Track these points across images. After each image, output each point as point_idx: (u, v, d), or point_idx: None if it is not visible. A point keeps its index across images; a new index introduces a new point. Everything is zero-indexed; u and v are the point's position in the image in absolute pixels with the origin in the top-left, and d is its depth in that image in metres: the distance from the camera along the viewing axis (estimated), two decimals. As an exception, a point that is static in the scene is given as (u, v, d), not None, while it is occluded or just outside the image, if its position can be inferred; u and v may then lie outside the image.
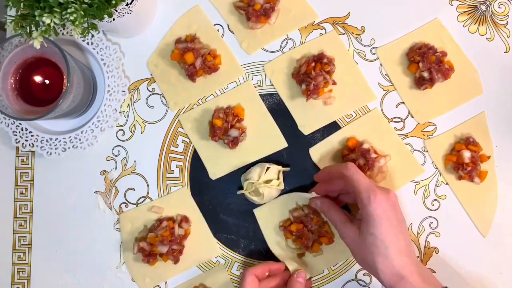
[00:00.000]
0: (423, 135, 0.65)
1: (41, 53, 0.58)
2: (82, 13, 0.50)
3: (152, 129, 0.66)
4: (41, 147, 0.65)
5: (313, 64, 0.62)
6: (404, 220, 0.55)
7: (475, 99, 0.65)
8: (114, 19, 0.57)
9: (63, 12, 0.49)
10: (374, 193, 0.52)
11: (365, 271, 0.64)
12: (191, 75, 0.63)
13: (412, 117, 0.65)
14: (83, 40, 0.65)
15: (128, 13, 0.58)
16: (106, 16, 0.53)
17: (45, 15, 0.49)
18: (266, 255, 0.64)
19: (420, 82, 0.63)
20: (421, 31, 0.65)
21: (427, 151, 0.65)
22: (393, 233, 0.52)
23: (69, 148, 0.65)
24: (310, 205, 0.62)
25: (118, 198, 0.66)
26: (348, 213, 0.58)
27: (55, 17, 0.49)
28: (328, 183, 0.60)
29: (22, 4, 0.50)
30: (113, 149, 0.67)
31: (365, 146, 0.62)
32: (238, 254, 0.65)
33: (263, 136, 0.65)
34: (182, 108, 0.66)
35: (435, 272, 0.64)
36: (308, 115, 0.65)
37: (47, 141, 0.65)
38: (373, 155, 0.61)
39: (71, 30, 0.60)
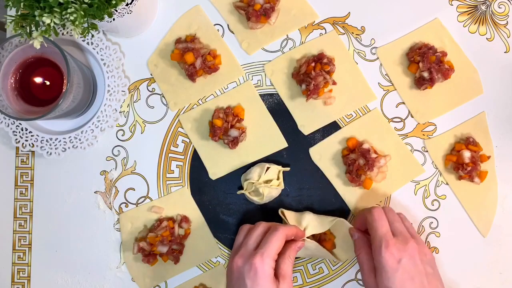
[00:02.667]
0: (423, 135, 0.65)
1: (41, 53, 0.58)
2: (82, 13, 0.50)
3: (152, 129, 0.66)
4: (41, 147, 0.65)
5: (313, 64, 0.62)
6: (422, 273, 0.52)
7: (475, 99, 0.65)
8: (114, 19, 0.57)
9: (63, 12, 0.49)
10: (386, 243, 0.51)
11: (365, 271, 0.64)
12: (191, 75, 0.63)
13: (412, 117, 0.65)
14: (83, 40, 0.65)
15: (128, 13, 0.58)
16: (106, 16, 0.53)
17: (45, 15, 0.49)
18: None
19: (420, 82, 0.63)
20: (421, 31, 0.65)
21: (427, 151, 0.65)
22: (410, 286, 0.50)
23: (69, 148, 0.65)
24: (349, 231, 0.60)
25: (118, 198, 0.66)
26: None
27: (55, 17, 0.49)
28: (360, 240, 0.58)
29: (22, 4, 0.50)
30: (113, 149, 0.67)
31: (365, 146, 0.62)
32: (238, 254, 0.65)
33: (263, 136, 0.65)
34: (182, 108, 0.66)
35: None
36: (308, 115, 0.65)
37: (47, 141, 0.65)
38: (373, 155, 0.61)
39: (71, 30, 0.60)
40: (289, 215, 0.62)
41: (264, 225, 0.57)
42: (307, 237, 0.60)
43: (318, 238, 0.63)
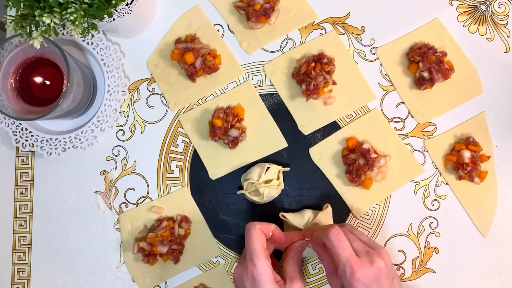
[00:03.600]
0: (423, 135, 0.65)
1: (41, 53, 0.58)
2: (82, 13, 0.50)
3: (152, 129, 0.66)
4: (41, 147, 0.65)
5: (313, 64, 0.62)
6: (396, 283, 0.52)
7: (475, 99, 0.65)
8: (114, 19, 0.57)
9: (63, 12, 0.49)
10: (351, 269, 0.49)
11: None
12: (191, 75, 0.63)
13: (412, 117, 0.65)
14: (83, 40, 0.65)
15: (128, 13, 0.58)
16: (106, 16, 0.53)
17: (45, 15, 0.49)
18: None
19: (420, 82, 0.63)
20: (421, 31, 0.65)
21: (427, 151, 0.65)
22: None
23: (69, 148, 0.65)
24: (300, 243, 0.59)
25: (118, 198, 0.66)
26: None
27: (55, 17, 0.49)
28: (320, 251, 0.57)
29: (22, 4, 0.50)
30: (113, 149, 0.67)
31: (365, 146, 0.62)
32: (238, 254, 0.65)
33: (263, 136, 0.65)
34: (182, 108, 0.66)
35: (435, 272, 0.64)
36: (308, 115, 0.65)
37: (47, 141, 0.65)
38: (373, 155, 0.61)
39: (71, 30, 0.60)
40: (290, 217, 0.62)
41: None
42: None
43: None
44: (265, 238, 0.54)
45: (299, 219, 0.61)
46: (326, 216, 0.62)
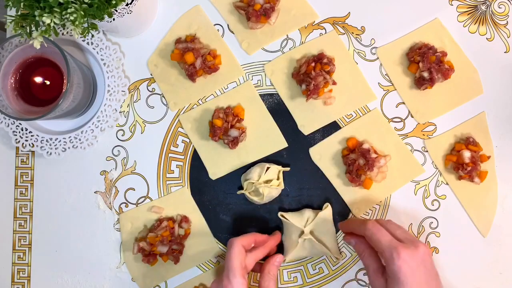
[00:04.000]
0: (423, 135, 0.65)
1: (41, 53, 0.58)
2: (82, 13, 0.50)
3: (152, 129, 0.66)
4: (41, 147, 0.65)
5: (313, 64, 0.62)
6: (435, 277, 0.51)
7: (475, 99, 0.65)
8: (114, 19, 0.57)
9: (63, 12, 0.49)
10: (397, 251, 0.49)
11: (365, 271, 0.64)
12: (191, 75, 0.63)
13: (412, 117, 0.65)
14: (83, 40, 0.65)
15: (128, 13, 0.58)
16: (106, 16, 0.53)
17: (45, 15, 0.49)
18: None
19: (420, 82, 0.63)
20: (421, 31, 0.65)
21: (427, 151, 0.65)
22: None
23: (69, 148, 0.65)
24: (344, 240, 0.61)
25: (118, 198, 0.66)
26: (380, 261, 0.55)
27: (55, 17, 0.49)
28: (360, 244, 0.57)
29: (22, 4, 0.50)
30: (113, 149, 0.67)
31: (365, 146, 0.62)
32: (238, 254, 0.65)
33: (263, 136, 0.65)
34: (182, 108, 0.66)
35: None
36: (308, 115, 0.65)
37: (47, 141, 0.65)
38: (373, 155, 0.61)
39: (71, 30, 0.60)
40: (289, 216, 0.62)
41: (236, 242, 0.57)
42: (306, 235, 0.60)
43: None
44: (245, 254, 0.56)
45: (298, 218, 0.61)
46: (326, 215, 0.62)
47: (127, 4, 0.56)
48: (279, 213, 0.63)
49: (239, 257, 0.54)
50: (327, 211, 0.62)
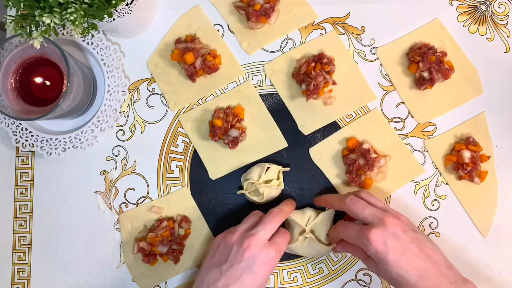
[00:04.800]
0: (423, 135, 0.65)
1: (41, 53, 0.58)
2: (82, 13, 0.50)
3: (152, 129, 0.66)
4: (41, 147, 0.65)
5: (313, 64, 0.62)
6: (415, 237, 0.52)
7: (475, 99, 0.65)
8: (114, 19, 0.57)
9: (63, 12, 0.49)
10: (366, 236, 0.51)
11: (365, 271, 0.64)
12: (191, 75, 0.63)
13: (412, 117, 0.65)
14: (83, 40, 0.65)
15: (128, 13, 0.58)
16: (106, 16, 0.53)
17: (45, 15, 0.49)
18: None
19: (420, 82, 0.63)
20: (421, 31, 0.65)
21: (427, 151, 0.65)
22: (405, 262, 0.50)
23: (69, 148, 0.65)
24: (333, 252, 0.63)
25: (118, 198, 0.66)
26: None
27: (55, 17, 0.49)
28: (345, 245, 0.59)
29: (22, 4, 0.50)
30: (113, 149, 0.67)
31: (365, 146, 0.62)
32: (238, 254, 0.65)
33: (263, 136, 0.65)
34: (182, 108, 0.66)
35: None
36: (308, 115, 0.65)
37: (47, 141, 0.65)
38: (373, 155, 0.61)
39: (71, 30, 0.60)
40: (292, 213, 0.62)
41: (258, 214, 0.60)
42: (308, 233, 0.60)
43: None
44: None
45: (300, 216, 0.61)
46: (328, 217, 0.62)
47: (127, 4, 0.56)
48: None
49: (276, 222, 0.57)
50: (330, 212, 0.62)
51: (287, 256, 0.64)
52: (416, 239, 0.52)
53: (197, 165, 0.66)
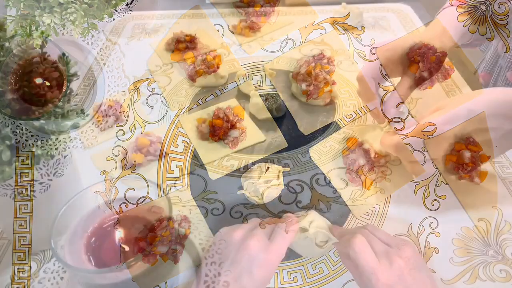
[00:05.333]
0: (423, 135, 0.65)
1: (41, 53, 0.58)
2: (82, 13, 0.50)
3: (152, 129, 0.66)
4: (41, 147, 0.65)
5: (313, 64, 0.62)
6: (418, 276, 0.52)
7: (475, 99, 0.65)
8: (114, 19, 0.57)
9: (63, 12, 0.49)
10: (375, 277, 0.51)
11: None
12: (191, 75, 0.63)
13: (412, 117, 0.65)
14: (83, 40, 0.65)
15: (128, 13, 0.58)
16: (106, 16, 0.53)
17: (45, 15, 0.49)
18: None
19: (420, 82, 0.63)
20: (421, 31, 0.65)
21: (427, 151, 0.65)
22: None
23: (69, 148, 0.65)
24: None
25: (118, 198, 0.66)
26: None
27: (55, 17, 0.49)
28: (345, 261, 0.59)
29: (22, 4, 0.50)
30: (113, 149, 0.67)
31: (365, 146, 0.62)
32: (238, 254, 0.65)
33: (263, 136, 0.65)
34: (182, 108, 0.66)
35: (435, 272, 0.64)
36: (308, 115, 0.65)
37: (47, 141, 0.65)
38: (373, 155, 0.61)
39: (71, 30, 0.60)
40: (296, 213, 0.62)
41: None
42: (310, 234, 0.60)
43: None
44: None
45: (302, 217, 0.61)
46: (329, 226, 0.61)
47: (127, 4, 0.56)
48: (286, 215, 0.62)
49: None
50: (332, 226, 0.61)
51: (287, 256, 0.64)
52: (416, 278, 0.52)
53: (197, 165, 0.66)
